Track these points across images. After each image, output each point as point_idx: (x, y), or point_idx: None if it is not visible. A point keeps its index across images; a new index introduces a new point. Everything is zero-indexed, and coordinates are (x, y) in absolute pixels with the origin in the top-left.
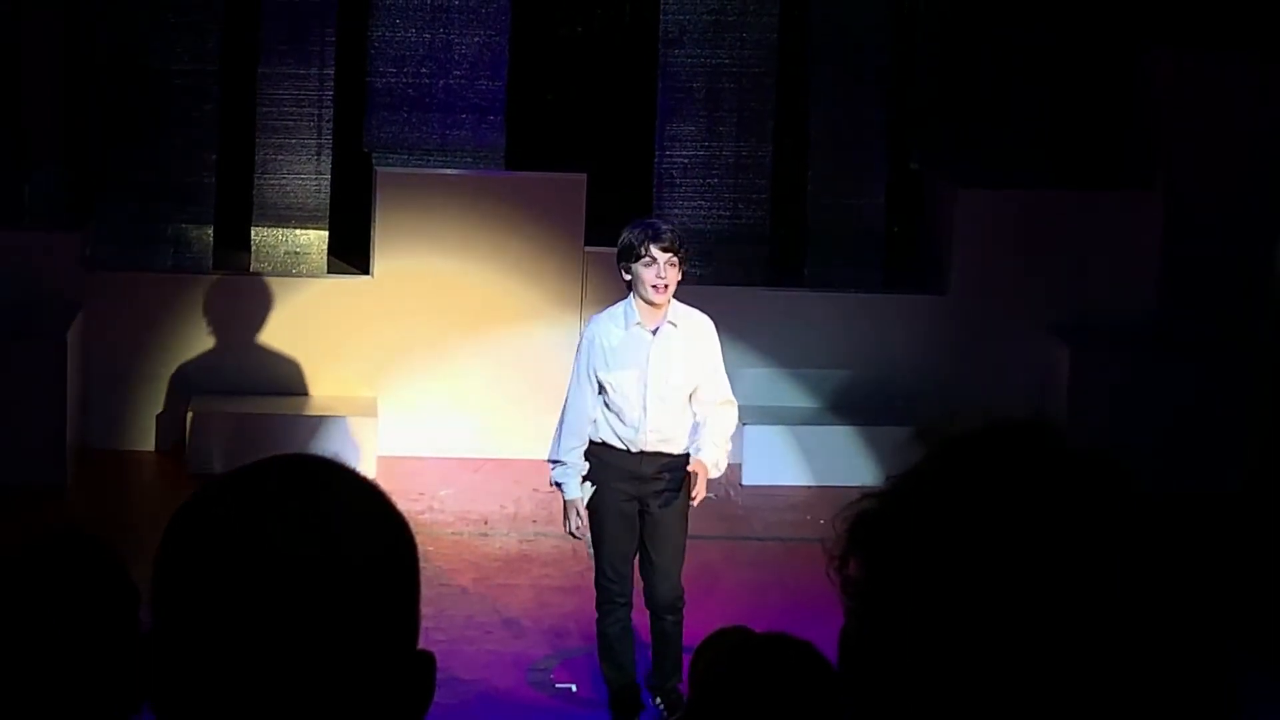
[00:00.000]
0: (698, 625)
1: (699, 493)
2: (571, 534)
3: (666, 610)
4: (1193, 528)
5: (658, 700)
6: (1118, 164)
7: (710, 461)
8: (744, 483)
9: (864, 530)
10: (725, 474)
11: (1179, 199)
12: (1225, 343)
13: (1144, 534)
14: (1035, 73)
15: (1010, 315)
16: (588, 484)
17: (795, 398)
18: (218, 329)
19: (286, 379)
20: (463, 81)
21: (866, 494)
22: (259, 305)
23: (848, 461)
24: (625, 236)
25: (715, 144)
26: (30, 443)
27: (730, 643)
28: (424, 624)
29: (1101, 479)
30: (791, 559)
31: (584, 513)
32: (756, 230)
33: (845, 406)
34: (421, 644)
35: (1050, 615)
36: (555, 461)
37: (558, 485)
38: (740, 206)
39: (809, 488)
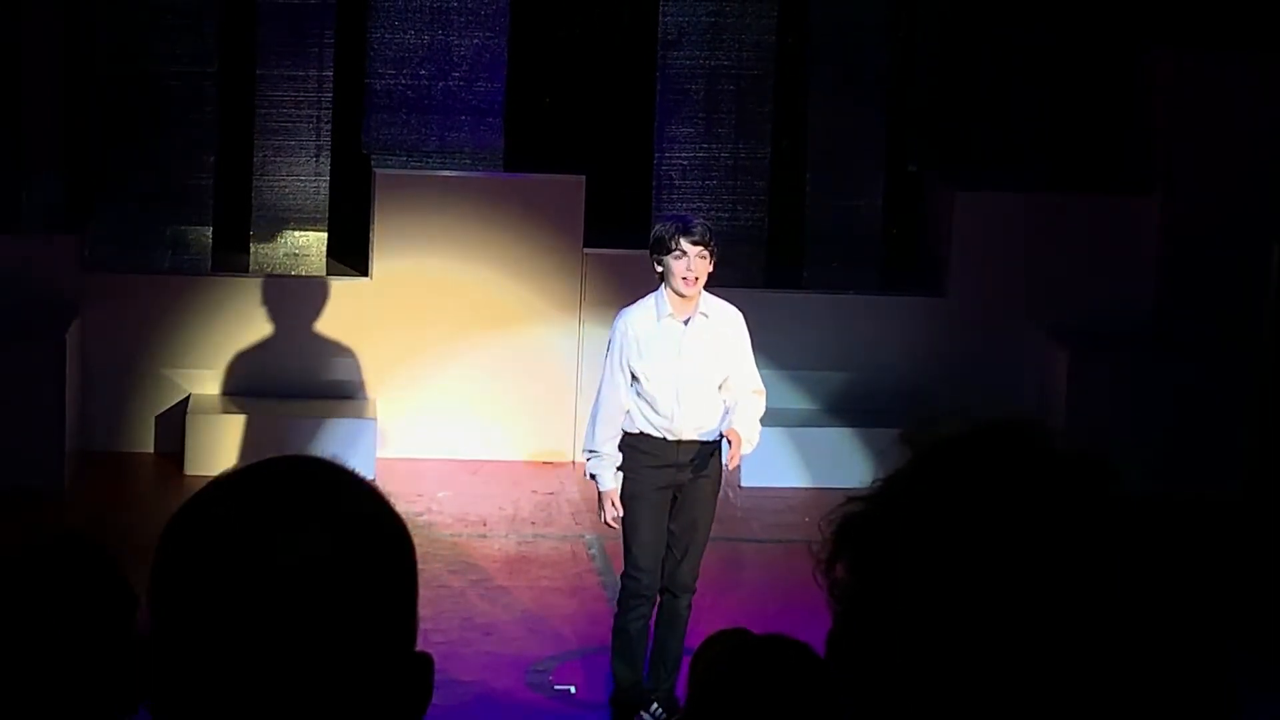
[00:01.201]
0: (697, 626)
1: (733, 458)
2: (608, 524)
3: (683, 590)
4: (1192, 529)
5: (655, 707)
6: (1117, 165)
7: (745, 434)
8: (742, 484)
9: (850, 533)
10: (724, 475)
11: (1178, 200)
12: (1225, 344)
13: (1127, 534)
14: (1034, 74)
15: (1009, 317)
16: (621, 474)
17: (793, 399)
18: (216, 331)
19: (285, 380)
20: (461, 83)
21: (852, 497)
22: (258, 307)
23: (846, 463)
24: (657, 230)
25: (714, 146)
26: (29, 445)
27: (729, 644)
28: (422, 625)
29: (1084, 479)
30: (790, 560)
31: (619, 503)
32: (755, 232)
33: (844, 408)
34: (420, 645)
35: (1035, 615)
36: (591, 452)
37: (593, 476)
38: (739, 208)
39: (807, 489)
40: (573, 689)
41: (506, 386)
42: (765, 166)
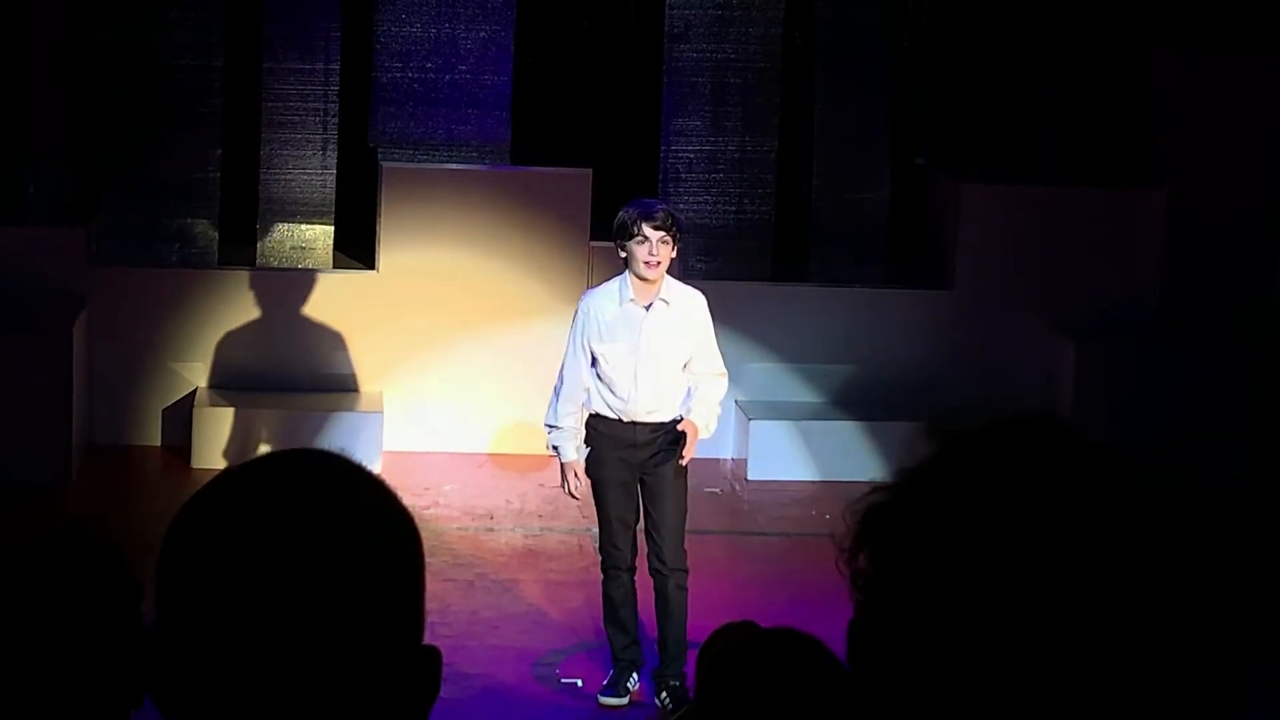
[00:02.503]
0: (703, 620)
1: (689, 452)
2: (571, 494)
3: (671, 570)
4: (1198, 525)
5: (662, 695)
6: (1123, 158)
7: (701, 423)
8: (749, 477)
9: (874, 523)
10: (731, 469)
11: (1184, 195)
12: (1231, 339)
13: (1153, 529)
14: (1041, 67)
15: (1014, 311)
16: (584, 447)
17: (800, 392)
18: (223, 324)
19: (291, 374)
20: (468, 76)
21: (877, 487)
22: (264, 300)
23: (852, 456)
24: (620, 215)
25: (720, 139)
26: (35, 438)
27: (737, 637)
28: (429, 619)
29: (1111, 473)
30: (797, 554)
31: (582, 474)
32: (761, 225)
33: (850, 401)
34: (427, 639)
35: (1059, 609)
36: (551, 426)
37: (555, 449)
38: (745, 201)
39: (814, 482)
40: (579, 682)
41: (513, 379)
42: (771, 160)
